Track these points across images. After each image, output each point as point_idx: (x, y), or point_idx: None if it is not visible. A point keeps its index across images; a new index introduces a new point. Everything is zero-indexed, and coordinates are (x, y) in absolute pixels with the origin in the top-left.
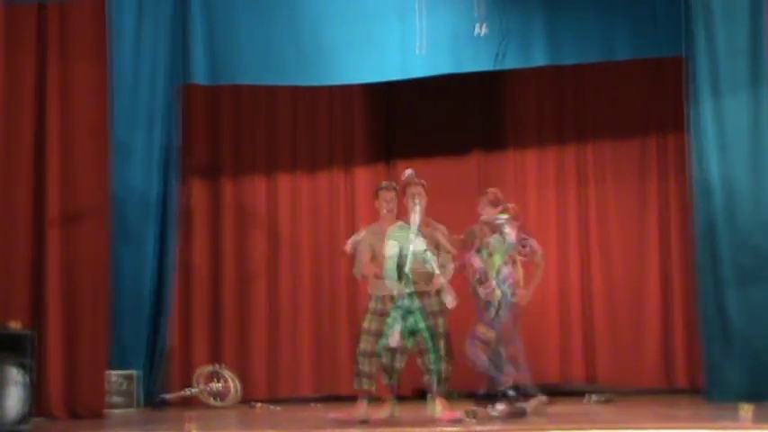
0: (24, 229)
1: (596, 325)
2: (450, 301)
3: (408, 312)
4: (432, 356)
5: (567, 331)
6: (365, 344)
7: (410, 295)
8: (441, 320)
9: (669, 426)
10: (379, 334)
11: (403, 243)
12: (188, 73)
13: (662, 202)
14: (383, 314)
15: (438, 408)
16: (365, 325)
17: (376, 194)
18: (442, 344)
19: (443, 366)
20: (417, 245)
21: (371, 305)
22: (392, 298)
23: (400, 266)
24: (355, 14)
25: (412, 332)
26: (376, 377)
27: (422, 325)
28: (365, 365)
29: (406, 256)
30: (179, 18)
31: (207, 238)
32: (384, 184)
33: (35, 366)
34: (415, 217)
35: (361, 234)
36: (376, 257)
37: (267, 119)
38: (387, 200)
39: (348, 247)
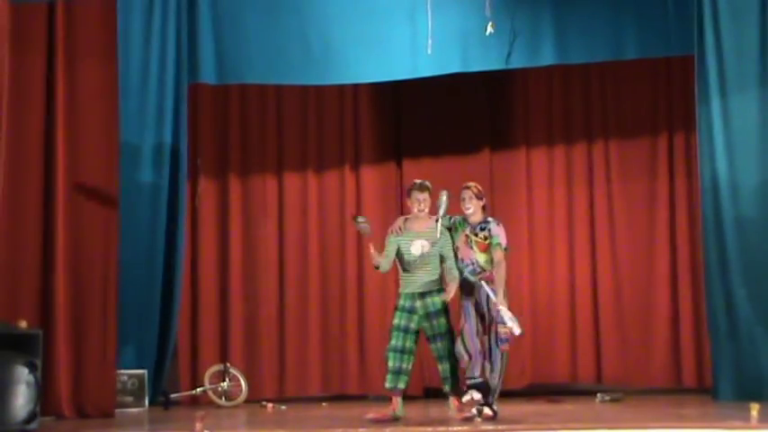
0: (32, 229)
1: (605, 324)
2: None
3: (410, 312)
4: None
5: (576, 330)
6: (396, 340)
7: (412, 296)
8: (442, 320)
9: (678, 425)
10: (407, 330)
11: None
12: (196, 72)
13: (671, 201)
14: (412, 311)
15: (452, 407)
16: (395, 321)
17: (408, 193)
18: (444, 344)
19: (451, 365)
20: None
21: (400, 302)
22: (421, 295)
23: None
24: (363, 14)
25: (415, 332)
26: (409, 374)
27: (420, 325)
28: (396, 362)
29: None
30: (187, 17)
31: (215, 237)
32: (417, 182)
33: (43, 365)
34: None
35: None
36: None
37: (275, 118)
38: (419, 200)
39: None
